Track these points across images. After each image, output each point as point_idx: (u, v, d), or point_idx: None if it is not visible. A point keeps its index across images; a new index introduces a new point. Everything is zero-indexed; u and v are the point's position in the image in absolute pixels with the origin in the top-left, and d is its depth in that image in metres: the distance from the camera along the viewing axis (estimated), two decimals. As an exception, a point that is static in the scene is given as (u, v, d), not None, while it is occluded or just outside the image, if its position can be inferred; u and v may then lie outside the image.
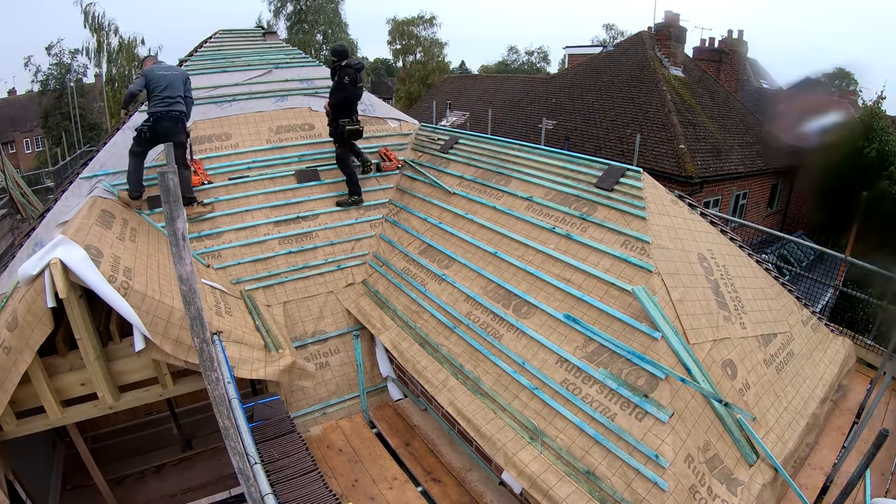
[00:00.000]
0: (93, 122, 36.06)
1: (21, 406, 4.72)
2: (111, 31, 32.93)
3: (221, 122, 8.56)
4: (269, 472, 4.09)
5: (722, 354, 5.10)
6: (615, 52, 21.95)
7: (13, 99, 43.80)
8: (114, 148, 7.60)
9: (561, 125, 19.94)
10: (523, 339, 5.49)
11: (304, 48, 33.23)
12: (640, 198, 5.75)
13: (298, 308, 7.23)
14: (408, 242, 7.60)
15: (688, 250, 5.68)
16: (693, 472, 4.21)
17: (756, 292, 6.16)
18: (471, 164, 7.96)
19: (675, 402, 4.42)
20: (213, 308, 5.64)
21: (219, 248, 7.26)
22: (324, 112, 8.53)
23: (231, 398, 3.93)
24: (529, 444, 4.77)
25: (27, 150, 41.76)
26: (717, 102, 19.75)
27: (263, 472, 3.55)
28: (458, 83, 30.81)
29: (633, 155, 14.73)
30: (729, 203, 17.62)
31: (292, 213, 7.91)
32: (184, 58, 9.64)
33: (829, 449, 5.92)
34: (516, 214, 6.68)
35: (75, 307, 4.48)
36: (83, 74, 36.62)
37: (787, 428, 5.16)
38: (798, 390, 5.68)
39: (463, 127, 22.31)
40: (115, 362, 4.98)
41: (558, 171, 6.82)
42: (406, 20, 45.21)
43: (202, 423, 7.12)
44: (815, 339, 6.60)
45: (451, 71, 47.80)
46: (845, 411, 6.62)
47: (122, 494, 6.15)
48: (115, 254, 5.01)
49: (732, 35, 24.01)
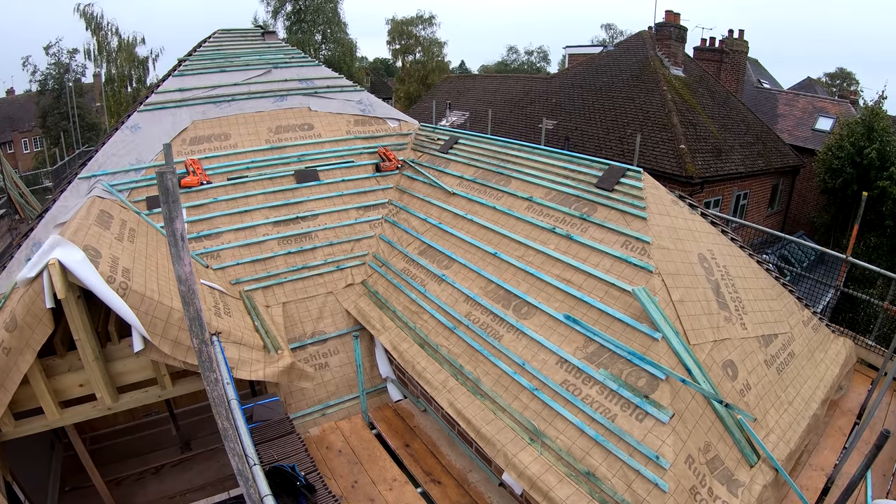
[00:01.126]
0: (91, 122, 35.97)
1: (19, 407, 4.70)
2: (111, 31, 32.89)
3: (220, 122, 8.54)
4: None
5: (722, 355, 5.08)
6: (615, 52, 21.91)
7: (11, 99, 43.72)
8: (112, 148, 7.58)
9: (561, 125, 19.91)
10: (523, 340, 5.47)
11: (303, 48, 33.16)
12: (640, 198, 5.73)
13: (297, 309, 7.21)
14: (407, 243, 7.58)
15: (688, 251, 5.66)
16: (694, 473, 4.19)
17: (757, 293, 6.14)
18: (471, 165, 7.94)
19: (676, 403, 4.40)
20: (212, 309, 5.62)
21: (218, 249, 7.24)
22: (323, 112, 8.47)
23: (230, 399, 3.91)
24: (530, 446, 4.75)
25: (25, 150, 41.68)
26: (717, 102, 19.71)
27: (263, 474, 3.54)
28: (458, 83, 30.77)
29: (633, 155, 14.68)
30: (730, 203, 17.58)
31: (291, 213, 7.89)
32: (182, 57, 9.61)
33: (831, 450, 5.90)
34: (516, 215, 6.66)
35: (74, 308, 4.46)
36: (82, 74, 36.61)
37: (787, 429, 5.14)
38: (799, 391, 5.66)
39: (463, 127, 22.30)
40: (114, 363, 4.96)
41: (558, 172, 6.80)
42: (405, 20, 45.10)
43: (201, 425, 7.10)
44: (815, 339, 6.58)
45: (451, 71, 47.74)
46: (846, 412, 6.60)
47: (120, 496, 6.12)
48: (114, 254, 4.99)
49: (733, 35, 24.00)
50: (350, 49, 42.94)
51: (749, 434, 4.67)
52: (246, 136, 8.53)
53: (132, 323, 4.64)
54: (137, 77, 34.07)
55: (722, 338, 5.20)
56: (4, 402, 4.45)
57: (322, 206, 8.14)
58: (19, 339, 4.36)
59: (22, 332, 4.36)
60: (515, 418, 4.98)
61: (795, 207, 21.97)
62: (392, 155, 9.05)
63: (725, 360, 5.07)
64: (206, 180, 7.75)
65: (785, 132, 23.17)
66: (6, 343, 4.35)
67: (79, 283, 4.42)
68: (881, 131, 16.77)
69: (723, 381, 4.89)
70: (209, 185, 7.74)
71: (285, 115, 9.02)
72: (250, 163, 8.20)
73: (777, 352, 5.78)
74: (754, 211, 19.03)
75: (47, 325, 4.44)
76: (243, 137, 8.49)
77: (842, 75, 52.79)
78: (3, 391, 4.42)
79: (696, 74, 20.42)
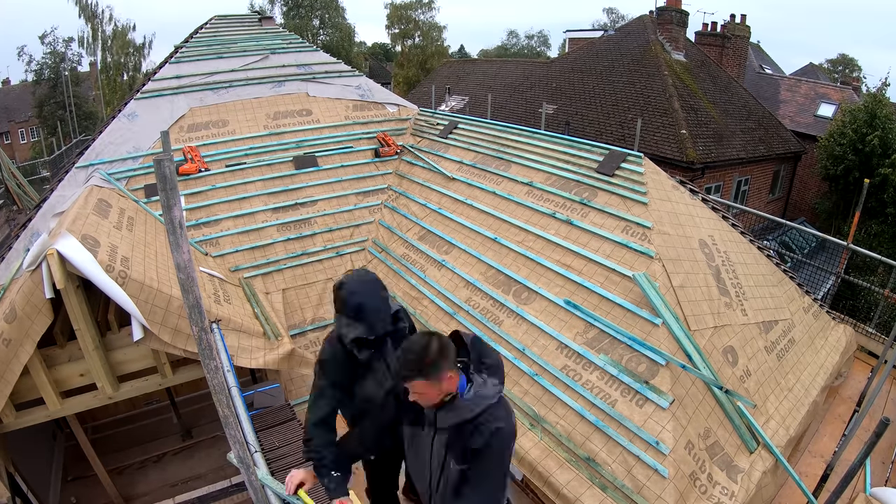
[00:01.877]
0: (88, 110, 35.83)
1: (20, 398, 4.69)
2: (105, 18, 32.68)
3: (218, 108, 8.47)
4: (269, 460, 4.07)
5: (723, 341, 5.08)
6: (616, 37, 21.74)
7: (7, 89, 43.35)
8: (110, 136, 7.53)
9: (561, 110, 19.81)
10: (523, 325, 5.47)
11: (301, 33, 32.93)
12: (641, 183, 5.70)
13: (297, 295, 7.19)
14: (407, 228, 7.56)
15: (689, 236, 5.64)
16: (693, 458, 4.20)
17: (757, 279, 6.13)
18: (470, 150, 7.90)
19: (676, 389, 4.40)
20: (211, 296, 5.60)
21: (217, 236, 7.21)
22: (322, 97, 8.41)
23: (230, 386, 3.91)
24: (530, 431, 4.76)
25: (22, 141, 41.45)
26: (719, 87, 19.57)
27: (264, 461, 3.54)
28: (458, 67, 30.60)
29: (634, 140, 14.59)
30: (731, 189, 17.53)
31: (290, 199, 7.85)
32: (179, 44, 9.54)
33: (830, 437, 5.92)
34: (516, 200, 6.64)
35: (73, 298, 4.44)
36: (78, 63, 36.40)
37: (787, 415, 5.15)
38: (799, 378, 5.67)
39: (463, 112, 22.17)
40: (114, 352, 4.95)
41: (559, 157, 6.77)
42: (404, 4, 44.58)
43: (202, 412, 7.12)
44: (816, 326, 6.57)
45: (451, 55, 47.38)
46: (846, 399, 6.61)
47: (122, 484, 6.15)
48: (113, 243, 4.97)
49: (735, 19, 23.81)
50: (348, 34, 42.68)
51: (748, 420, 4.68)
52: (244, 122, 8.47)
53: (131, 311, 4.62)
54: (133, 65, 33.91)
55: (722, 324, 5.20)
56: (5, 394, 4.45)
57: (321, 191, 8.10)
58: (19, 330, 4.35)
59: (21, 322, 4.34)
60: (515, 403, 4.98)
61: (797, 194, 21.91)
62: (391, 140, 9.00)
63: (726, 346, 5.07)
64: (205, 167, 7.71)
65: (787, 118, 23.05)
66: (6, 334, 4.34)
67: (78, 272, 4.40)
68: (884, 118, 16.69)
69: (723, 367, 4.89)
70: (207, 173, 7.69)
71: (283, 100, 8.95)
72: (248, 149, 8.15)
73: (777, 338, 5.77)
74: (755, 197, 18.99)
75: (47, 315, 4.42)
76: (241, 124, 8.43)
77: (844, 61, 52.50)
78: (3, 382, 4.41)
79: (697, 59, 20.28)
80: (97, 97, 35.71)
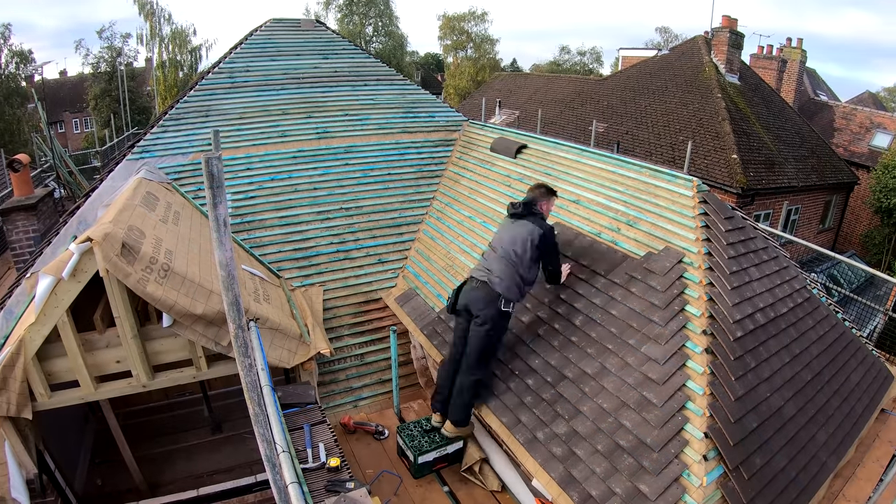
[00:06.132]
0: (142, 105, 36.87)
1: (56, 379, 4.77)
2: (163, 17, 33.68)
3: (269, 110, 8.63)
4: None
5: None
6: (670, 56, 21.42)
7: (64, 80, 45.11)
8: (161, 131, 7.71)
9: (612, 128, 19.55)
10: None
11: (354, 40, 33.37)
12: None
13: (337, 300, 7.22)
14: (450, 240, 7.49)
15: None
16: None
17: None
18: (519, 163, 7.77)
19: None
20: (251, 294, 5.63)
21: (260, 237, 7.29)
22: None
23: (263, 385, 3.89)
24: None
25: (76, 131, 42.97)
26: (772, 112, 19.05)
27: (290, 462, 3.50)
28: (509, 81, 30.58)
29: (683, 162, 14.31)
30: (780, 217, 17.03)
31: (335, 205, 7.92)
32: (234, 45, 9.69)
33: (866, 481, 5.61)
34: (563, 219, 6.51)
35: (115, 286, 4.50)
36: (134, 59, 37.58)
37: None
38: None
39: (512, 125, 22.13)
40: (152, 342, 5.00)
41: (606, 176, 6.59)
42: (457, 15, 44.68)
43: (233, 408, 7.16)
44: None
45: (503, 68, 47.30)
46: (885, 442, 6.27)
47: (149, 471, 6.21)
48: (158, 235, 5.03)
49: (791, 43, 23.26)
50: (401, 42, 42.97)
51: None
52: (294, 125, 8.57)
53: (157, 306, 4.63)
54: (189, 64, 34.85)
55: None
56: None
57: (367, 199, 8.15)
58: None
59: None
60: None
61: (848, 226, 21.18)
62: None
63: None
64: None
65: (840, 147, 22.35)
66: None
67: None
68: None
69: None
70: (256, 174, 7.80)
71: (334, 106, 9.02)
72: (297, 152, 8.24)
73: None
74: (805, 227, 18.41)
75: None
76: (291, 127, 8.53)
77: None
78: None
79: (751, 82, 19.82)
80: (151, 93, 36.76)
